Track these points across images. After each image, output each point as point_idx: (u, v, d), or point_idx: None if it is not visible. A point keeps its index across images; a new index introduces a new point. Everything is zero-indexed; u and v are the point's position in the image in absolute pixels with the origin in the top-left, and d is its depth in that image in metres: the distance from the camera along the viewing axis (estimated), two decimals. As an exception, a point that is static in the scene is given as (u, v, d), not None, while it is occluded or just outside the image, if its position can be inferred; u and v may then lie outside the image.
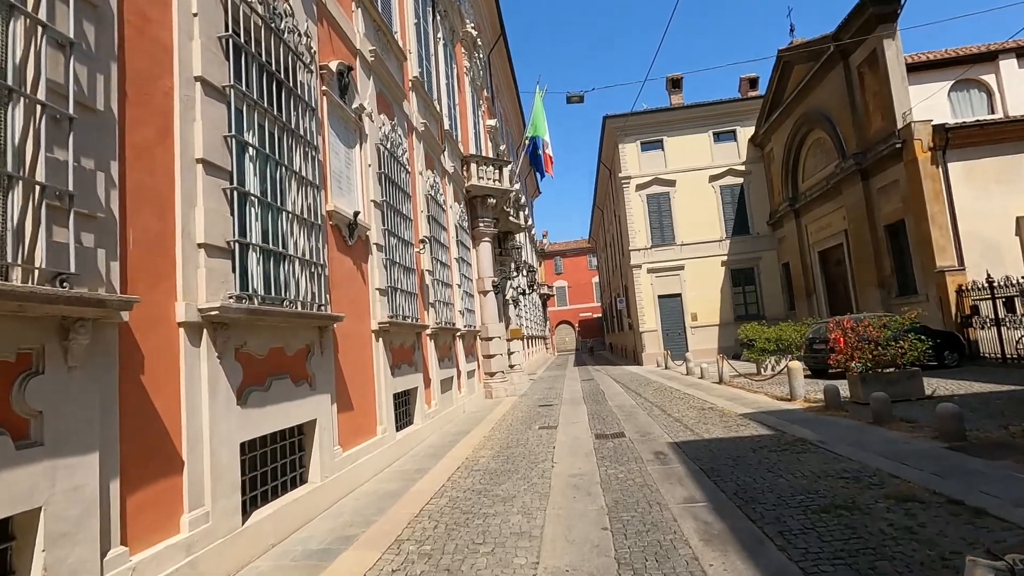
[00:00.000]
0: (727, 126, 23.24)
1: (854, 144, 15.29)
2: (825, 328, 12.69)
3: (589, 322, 57.48)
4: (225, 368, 3.86)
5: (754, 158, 22.90)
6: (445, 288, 11.10)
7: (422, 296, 9.49)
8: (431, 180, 10.68)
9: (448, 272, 11.51)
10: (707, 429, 7.71)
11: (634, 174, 23.38)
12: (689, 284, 22.62)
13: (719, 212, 22.95)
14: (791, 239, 20.36)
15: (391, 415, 7.19)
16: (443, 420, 9.79)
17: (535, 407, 11.94)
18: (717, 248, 22.80)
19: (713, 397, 10.92)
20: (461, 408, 11.48)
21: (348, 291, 6.34)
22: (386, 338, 7.26)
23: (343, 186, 6.52)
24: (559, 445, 7.53)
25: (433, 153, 11.21)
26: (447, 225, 12.01)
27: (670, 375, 17.00)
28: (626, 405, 11.05)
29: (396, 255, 8.17)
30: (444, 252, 11.32)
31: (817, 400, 9.06)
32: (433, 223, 10.62)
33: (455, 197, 13.22)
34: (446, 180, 12.45)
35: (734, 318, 22.14)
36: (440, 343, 10.28)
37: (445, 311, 10.87)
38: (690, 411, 9.46)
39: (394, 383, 7.45)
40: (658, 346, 22.29)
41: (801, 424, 7.35)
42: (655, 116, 23.33)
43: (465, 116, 15.98)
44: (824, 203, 17.67)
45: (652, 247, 23.04)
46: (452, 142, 13.27)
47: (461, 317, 12.35)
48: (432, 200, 10.62)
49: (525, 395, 14.71)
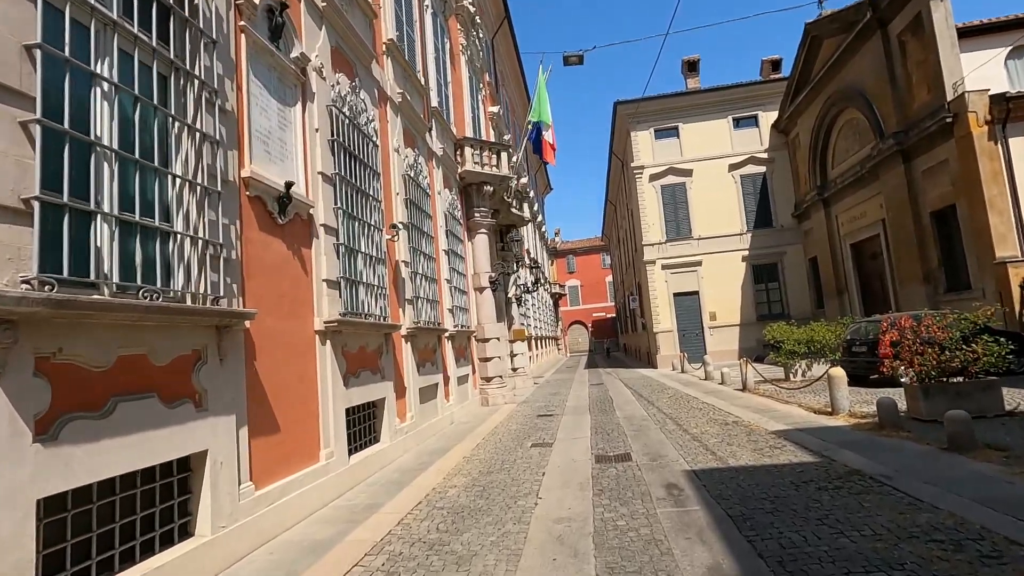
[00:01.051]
0: (748, 111, 21.60)
1: (894, 122, 13.65)
2: (866, 328, 11.12)
3: (603, 322, 55.86)
4: (8, 391, 2.56)
5: (777, 145, 21.23)
6: (429, 283, 9.78)
7: (396, 291, 8.18)
8: (411, 160, 9.37)
9: (434, 266, 10.19)
10: (733, 452, 6.27)
11: (647, 163, 21.86)
12: (707, 281, 21.03)
13: (739, 203, 21.32)
14: (819, 231, 18.69)
15: (342, 435, 5.87)
16: (421, 435, 8.46)
17: (533, 417, 10.57)
18: (737, 242, 21.18)
19: (737, 408, 9.44)
20: (449, 419, 10.16)
21: (276, 282, 5.03)
22: (337, 340, 5.94)
23: (273, 150, 5.22)
24: (550, 471, 6.15)
25: (415, 130, 9.90)
26: (433, 213, 10.69)
27: (687, 380, 15.48)
28: (636, 416, 9.62)
29: (357, 241, 6.86)
30: (429, 243, 10.01)
31: (866, 415, 7.54)
32: (414, 209, 9.30)
33: (445, 183, 11.90)
34: (433, 163, 11.14)
35: (756, 318, 20.51)
36: (421, 346, 8.96)
37: (428, 309, 9.55)
38: (711, 426, 8.01)
39: (348, 395, 6.12)
40: (673, 348, 20.75)
41: (853, 449, 5.87)
42: (670, 101, 21.78)
43: (461, 97, 14.66)
44: (858, 190, 16.02)
45: (667, 242, 21.50)
46: (442, 122, 11.96)
47: (451, 316, 11.03)
48: (412, 182, 9.30)
49: (526, 402, 13.34)
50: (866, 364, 10.55)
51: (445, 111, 12.41)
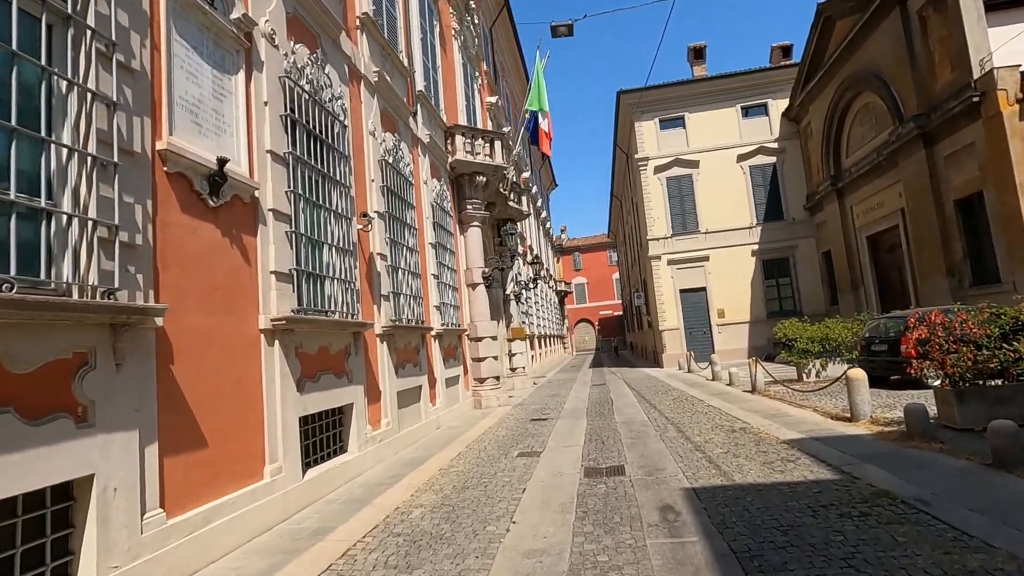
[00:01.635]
0: (757, 99, 20.69)
1: (914, 104, 12.76)
2: (887, 325, 10.29)
3: (609, 320, 54.99)
4: None
5: (788, 134, 20.32)
6: (412, 278, 9.10)
7: (369, 286, 7.49)
8: (390, 145, 8.68)
9: (418, 259, 9.50)
10: (739, 465, 5.51)
11: (652, 155, 21.02)
12: (714, 277, 20.18)
13: (748, 196, 20.44)
14: (833, 224, 17.79)
15: (294, 447, 5.19)
16: (400, 442, 7.78)
17: (526, 422, 9.86)
18: (746, 236, 20.30)
19: (746, 412, 8.66)
20: (435, 423, 9.47)
21: (206, 273, 4.35)
22: (289, 340, 5.26)
23: (206, 122, 4.53)
24: (532, 487, 5.44)
25: (396, 114, 9.21)
26: (418, 203, 10.00)
27: (693, 380, 14.69)
28: (636, 421, 8.87)
29: (320, 230, 6.18)
30: (411, 235, 9.31)
31: (890, 422, 6.75)
32: (393, 198, 8.61)
33: (433, 172, 11.21)
34: (418, 150, 10.44)
35: (766, 315, 19.64)
36: (400, 345, 8.28)
37: (411, 306, 8.86)
38: (716, 433, 7.25)
39: (304, 402, 5.44)
40: (680, 346, 19.93)
41: (879, 463, 5.10)
42: (675, 90, 20.92)
43: (452, 84, 13.95)
44: (874, 179, 15.11)
45: (672, 236, 20.66)
46: (430, 108, 11.26)
47: (438, 314, 10.33)
48: (391, 169, 8.61)
49: (522, 404, 12.62)
50: (887, 364, 9.73)
51: (433, 97, 11.71)
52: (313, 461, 5.74)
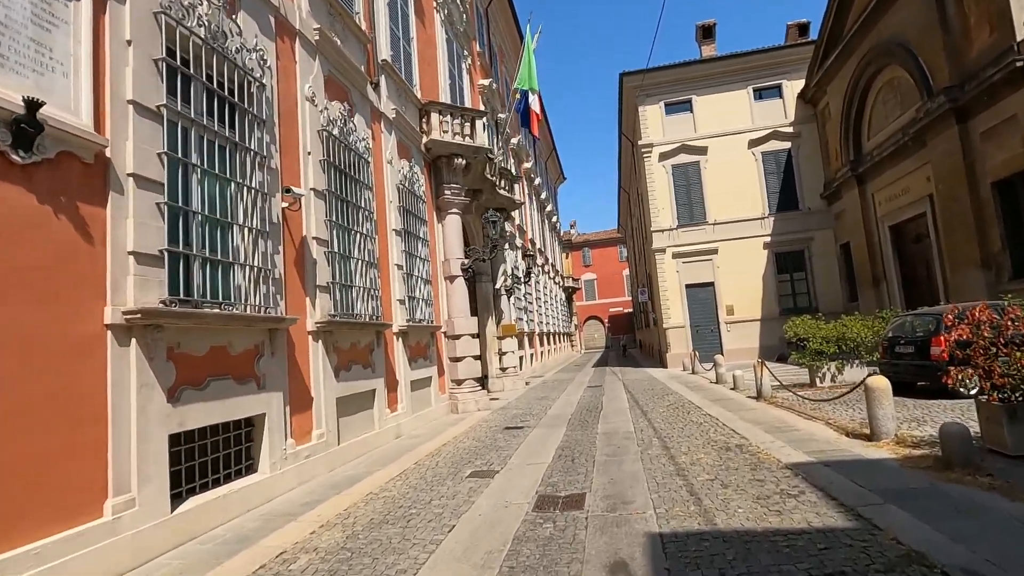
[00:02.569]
0: (770, 79, 19.24)
1: (945, 76, 11.34)
2: (913, 324, 8.97)
3: (619, 317, 53.59)
4: None
5: (804, 117, 18.86)
6: (365, 268, 8.02)
7: (300, 275, 6.42)
8: (336, 115, 7.58)
9: (375, 247, 8.41)
10: (726, 500, 4.34)
11: (656, 141, 19.69)
12: (723, 271, 18.82)
13: (760, 184, 19.03)
14: (852, 213, 16.34)
15: (159, 474, 4.13)
16: (340, 456, 6.71)
17: (499, 430, 8.75)
18: (758, 227, 18.91)
19: (746, 424, 7.44)
20: (393, 432, 8.41)
21: (11, 251, 3.30)
22: (152, 339, 4.19)
23: (12, 52, 3.47)
24: (464, 524, 4.32)
25: (347, 81, 8.12)
26: (378, 184, 8.92)
27: (695, 383, 13.44)
28: (619, 433, 7.71)
29: (218, 206, 5.11)
30: (367, 219, 8.23)
31: (919, 443, 5.50)
32: (339, 175, 7.53)
33: (402, 152, 10.11)
34: (381, 126, 9.35)
35: (779, 311, 18.24)
36: (345, 345, 7.21)
37: (363, 299, 7.79)
38: (706, 451, 6.06)
39: (179, 416, 4.38)
40: (685, 345, 18.63)
41: (908, 505, 3.88)
42: (682, 71, 19.55)
43: (432, 60, 12.83)
44: (899, 162, 13.69)
45: (678, 227, 19.33)
46: (398, 81, 10.16)
47: (402, 309, 9.25)
48: (338, 143, 7.52)
49: (504, 408, 11.51)
50: (913, 369, 8.42)
51: (404, 69, 10.61)
52: (198, 487, 4.67)
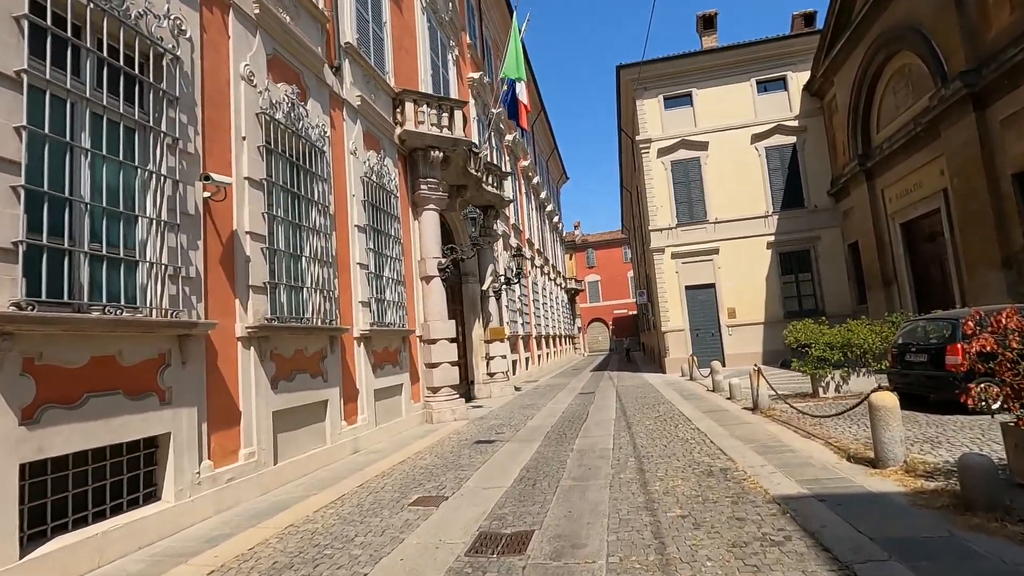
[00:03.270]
0: (774, 71, 18.36)
1: (961, 60, 10.46)
2: (926, 329, 8.10)
3: (624, 319, 52.65)
4: None
5: (810, 110, 17.96)
6: (318, 267, 7.30)
7: (228, 274, 5.71)
8: (280, 97, 6.87)
9: (330, 244, 7.69)
10: (694, 548, 3.55)
11: (655, 136, 18.86)
12: (725, 272, 17.95)
13: (764, 181, 18.14)
14: (861, 210, 15.43)
15: (6, 514, 3.41)
16: (275, 478, 5.99)
17: (467, 444, 8.01)
18: (761, 226, 18.02)
19: (735, 443, 6.63)
20: (351, 446, 7.70)
21: None
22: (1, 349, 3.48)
23: None
24: (378, 572, 3.57)
25: (298, 62, 7.41)
26: (339, 176, 8.22)
27: (691, 391, 12.61)
28: (595, 450, 6.93)
29: (108, 194, 4.40)
30: (320, 214, 7.52)
31: (933, 471, 4.67)
32: (283, 164, 6.82)
33: (368, 143, 9.41)
34: (343, 113, 8.65)
35: (783, 314, 17.35)
36: (287, 351, 6.49)
37: (314, 301, 7.08)
38: (685, 477, 5.27)
39: (37, 440, 3.66)
40: (685, 349, 17.77)
41: (916, 562, 3.07)
42: (682, 63, 18.71)
43: (410, 47, 12.13)
44: (911, 154, 12.79)
45: (678, 226, 18.48)
46: (365, 66, 9.45)
47: (365, 311, 8.53)
48: (282, 128, 6.81)
49: (483, 418, 10.76)
50: (926, 379, 7.56)
51: (372, 54, 9.90)
52: (71, 524, 3.95)
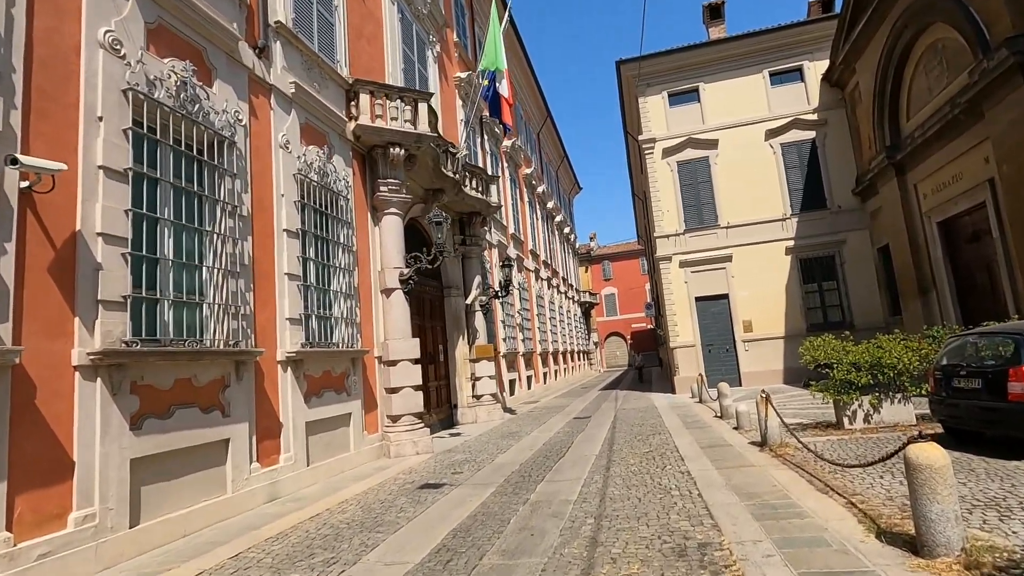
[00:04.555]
0: (789, 61, 16.80)
1: (1007, 24, 8.84)
2: (979, 346, 6.44)
3: (642, 333, 50.64)
4: None
5: (830, 102, 16.32)
6: (225, 279, 6.08)
7: (66, 290, 4.50)
8: (160, 73, 5.71)
9: (243, 250, 6.48)
10: None
11: (659, 135, 17.42)
12: (739, 281, 16.30)
13: (780, 180, 16.50)
14: (891, 209, 13.70)
15: None
16: (128, 545, 4.70)
17: (411, 490, 6.65)
18: (779, 230, 16.36)
19: (727, 497, 5.11)
20: (265, 493, 6.43)
21: None
22: None
23: None
24: None
25: (194, 32, 6.25)
26: (263, 173, 7.03)
27: (696, 417, 11.00)
28: (552, 504, 5.49)
29: None
30: (229, 215, 6.32)
31: (1007, 566, 3.13)
32: (168, 153, 5.64)
33: (308, 137, 8.25)
34: (271, 101, 7.51)
35: (806, 327, 15.58)
36: (160, 383, 5.24)
37: (215, 320, 5.85)
38: (646, 559, 3.79)
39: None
40: (696, 366, 16.09)
41: None
42: (687, 55, 17.29)
43: (374, 37, 11.01)
44: (948, 142, 11.11)
45: (686, 232, 16.92)
46: (304, 50, 8.32)
47: (295, 330, 7.27)
48: (170, 112, 5.64)
49: (450, 451, 9.39)
50: (981, 412, 5.89)
51: (319, 40, 8.78)
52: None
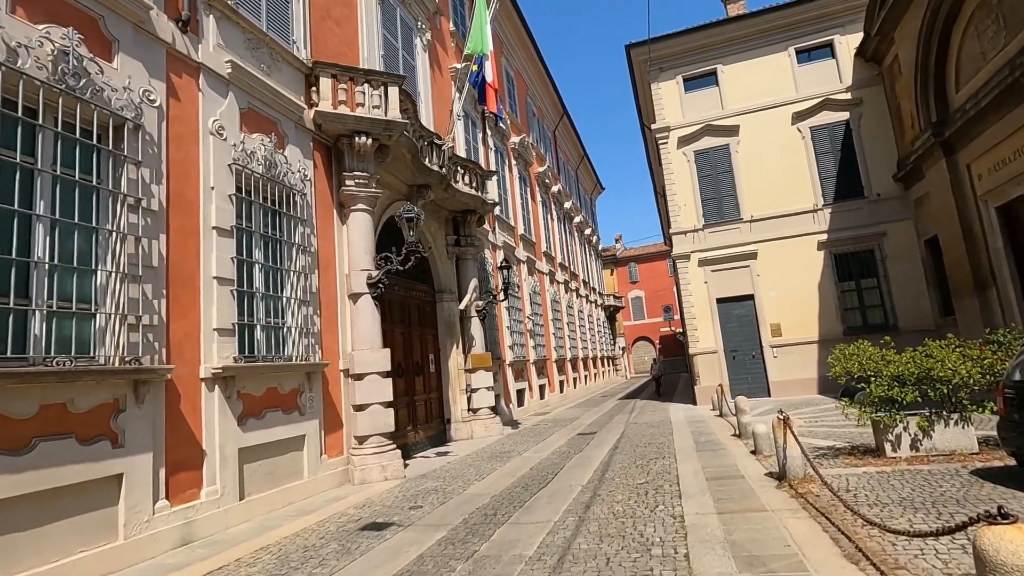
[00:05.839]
0: (818, 36, 15.19)
1: (1081, -39, 7.29)
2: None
3: (670, 338, 48.63)
4: None
5: (866, 79, 14.64)
6: (124, 284, 5.14)
7: None
8: (33, 40, 4.81)
9: (149, 252, 5.54)
10: None
11: (674, 123, 16.02)
12: (766, 280, 14.73)
13: (810, 168, 14.89)
14: (940, 195, 12.00)
15: None
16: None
17: (348, 533, 5.59)
18: (810, 223, 14.73)
19: (722, 562, 3.82)
20: (175, 536, 5.45)
21: None
22: None
23: None
24: None
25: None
26: (179, 162, 6.10)
27: (710, 436, 9.59)
28: (499, 561, 4.32)
29: None
30: (134, 212, 5.39)
31: None
32: (42, 135, 4.73)
33: (253, 124, 7.33)
34: (198, 82, 6.59)
35: (843, 331, 13.92)
36: (20, 410, 4.29)
37: (111, 333, 4.90)
38: None
39: None
40: (718, 375, 14.59)
41: None
42: (703, 35, 15.86)
43: (345, 21, 10.08)
44: (1007, 112, 9.45)
45: (704, 227, 15.45)
46: (246, 26, 7.41)
47: (226, 342, 6.31)
48: (38, 84, 4.73)
49: (424, 476, 8.30)
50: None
51: (267, 17, 7.86)
52: None
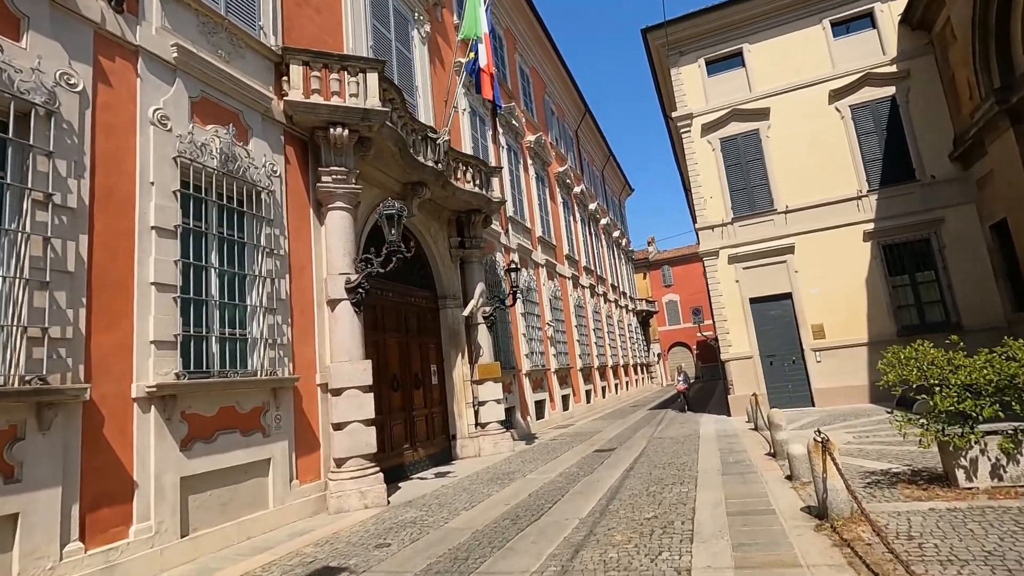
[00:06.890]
0: (856, 4, 13.71)
1: None
2: None
3: (706, 343, 46.52)
4: None
5: (913, 49, 13.11)
6: (35, 294, 4.44)
7: None
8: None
9: (70, 255, 4.84)
10: None
11: (697, 110, 14.78)
12: (805, 276, 13.28)
13: (852, 150, 13.39)
14: (1008, 171, 10.42)
15: None
16: None
17: None
18: (853, 211, 13.23)
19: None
20: None
21: None
22: None
23: None
24: None
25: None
26: (109, 154, 5.41)
27: (739, 456, 8.33)
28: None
29: None
30: (44, 209, 4.70)
31: None
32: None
33: (208, 115, 6.64)
34: (137, 66, 5.92)
35: (896, 331, 12.35)
36: None
37: (13, 347, 4.19)
38: None
39: None
40: (754, 383, 13.20)
41: None
42: (726, 13, 14.58)
43: (326, 7, 9.39)
44: (1091, 66, 7.98)
45: (734, 221, 14.11)
46: (199, 8, 6.73)
47: (167, 356, 5.56)
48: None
49: (410, 503, 7.38)
50: None
51: (230, 2, 7.20)
52: None
